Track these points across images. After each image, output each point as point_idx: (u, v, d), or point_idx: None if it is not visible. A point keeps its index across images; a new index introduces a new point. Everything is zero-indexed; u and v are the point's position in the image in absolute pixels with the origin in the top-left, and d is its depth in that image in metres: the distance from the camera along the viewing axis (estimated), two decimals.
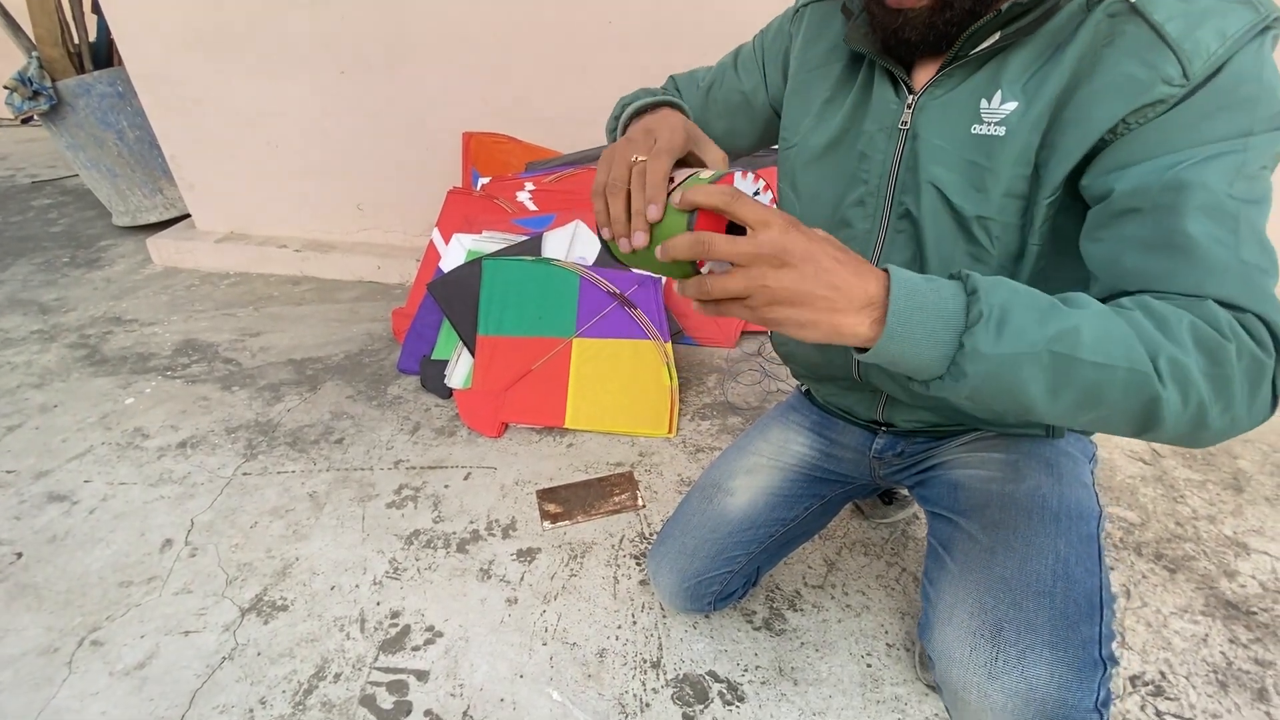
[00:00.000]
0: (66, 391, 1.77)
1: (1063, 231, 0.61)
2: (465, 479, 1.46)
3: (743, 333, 2.02)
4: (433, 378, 1.77)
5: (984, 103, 0.62)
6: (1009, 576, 0.64)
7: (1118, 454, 1.50)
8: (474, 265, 1.81)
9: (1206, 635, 1.09)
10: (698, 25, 1.85)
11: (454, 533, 1.32)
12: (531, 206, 2.04)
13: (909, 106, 0.66)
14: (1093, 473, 0.80)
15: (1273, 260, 0.50)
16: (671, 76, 0.94)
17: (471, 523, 1.34)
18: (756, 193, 0.52)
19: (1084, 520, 0.70)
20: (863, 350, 0.48)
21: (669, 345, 1.70)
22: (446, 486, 1.44)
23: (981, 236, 0.64)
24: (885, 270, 0.47)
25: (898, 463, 0.92)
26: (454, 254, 1.95)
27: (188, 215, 2.60)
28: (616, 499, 1.41)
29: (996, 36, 0.59)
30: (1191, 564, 1.22)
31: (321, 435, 1.59)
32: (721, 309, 0.48)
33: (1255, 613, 1.13)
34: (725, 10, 1.81)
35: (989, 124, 0.61)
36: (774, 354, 1.92)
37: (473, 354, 1.73)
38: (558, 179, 2.05)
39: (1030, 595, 0.63)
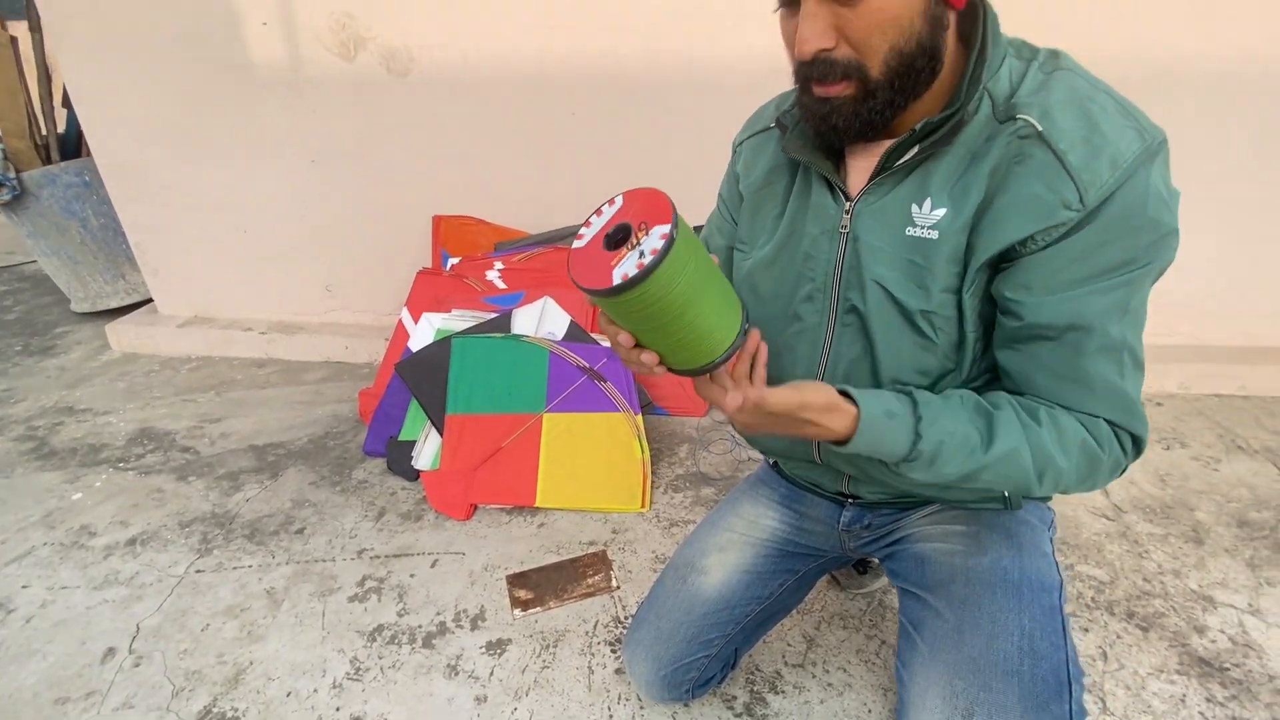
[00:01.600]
0: (8, 488, 1.69)
1: (989, 319, 0.68)
2: (432, 566, 1.41)
3: None
4: (399, 459, 1.73)
5: (915, 208, 0.67)
6: (977, 656, 0.65)
7: (1081, 511, 1.53)
8: (443, 344, 1.82)
9: (1184, 695, 1.09)
10: (654, 119, 1.96)
11: (419, 626, 1.26)
12: (501, 285, 2.08)
13: (846, 212, 0.71)
14: (1051, 540, 0.82)
15: (1143, 371, 0.65)
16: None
17: (438, 614, 1.29)
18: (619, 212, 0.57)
19: (1046, 592, 0.71)
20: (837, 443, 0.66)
21: (639, 417, 1.71)
22: (412, 576, 1.39)
23: (926, 329, 0.69)
24: (856, 406, 0.63)
25: (866, 535, 0.93)
26: (423, 333, 1.95)
27: (149, 300, 2.57)
28: (590, 581, 1.38)
29: (916, 150, 0.65)
30: (1162, 621, 1.23)
31: (282, 525, 1.54)
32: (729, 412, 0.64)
33: (1228, 669, 1.13)
34: (679, 105, 1.93)
35: (922, 228, 0.67)
36: None
37: (441, 434, 1.71)
38: (526, 258, 2.10)
39: (999, 676, 0.63)
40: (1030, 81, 0.63)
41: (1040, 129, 0.60)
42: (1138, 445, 0.65)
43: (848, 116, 0.64)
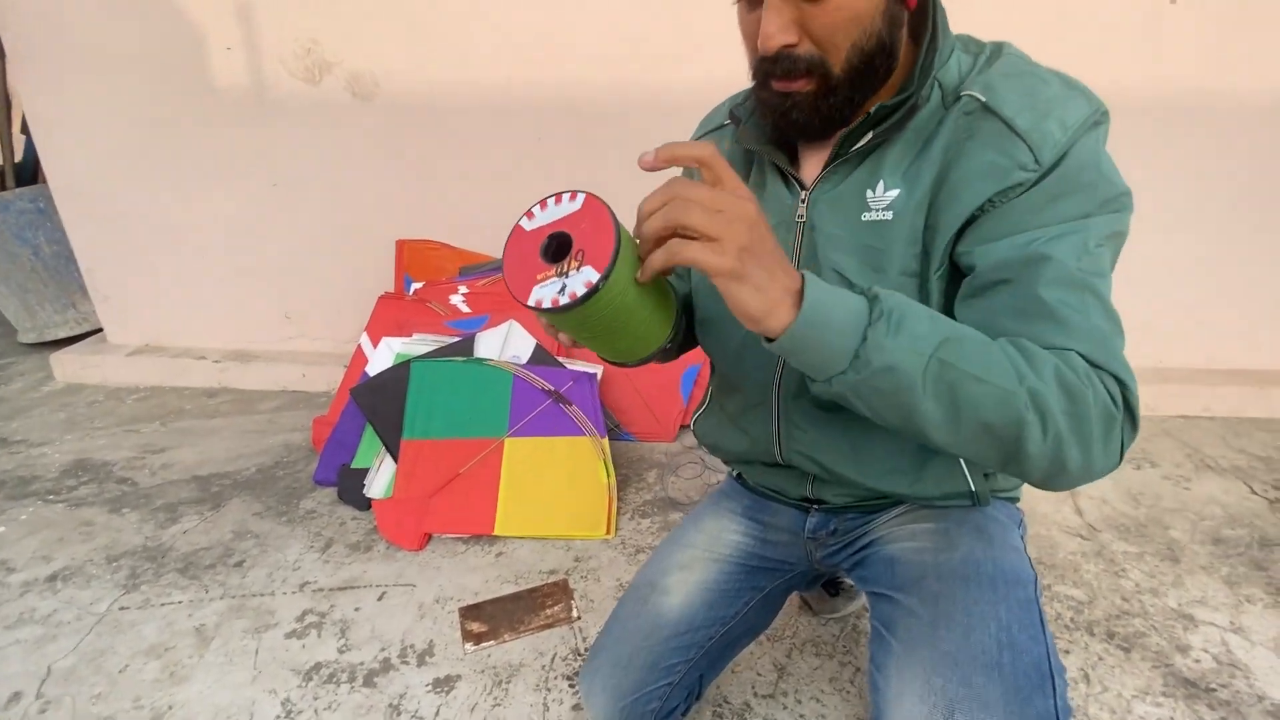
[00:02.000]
0: None
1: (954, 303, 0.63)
2: (379, 599, 1.32)
3: (682, 427, 1.99)
4: (351, 488, 1.64)
5: (869, 192, 0.67)
6: (954, 651, 0.60)
7: (1055, 531, 1.50)
8: (401, 368, 1.76)
9: (1171, 718, 1.03)
10: (619, 144, 1.97)
11: (361, 663, 1.16)
12: (465, 309, 2.04)
13: (802, 201, 0.70)
14: (1023, 538, 0.78)
15: (1119, 326, 0.56)
16: None
17: (383, 650, 1.20)
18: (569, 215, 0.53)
19: (1020, 585, 0.67)
20: (774, 341, 0.50)
21: (605, 441, 1.65)
22: (357, 609, 1.29)
23: None
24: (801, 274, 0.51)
25: (832, 542, 0.88)
26: (382, 357, 1.89)
27: (100, 330, 2.47)
28: (549, 611, 1.29)
29: (870, 135, 0.65)
30: (1144, 641, 1.18)
31: (219, 558, 1.43)
32: (692, 251, 0.47)
33: (1214, 689, 1.08)
34: (643, 130, 1.94)
35: (877, 210, 0.66)
36: None
37: (396, 460, 1.63)
38: (492, 282, 2.06)
39: (979, 670, 0.58)
40: (976, 69, 0.64)
41: (984, 100, 0.60)
42: (1127, 399, 0.53)
43: (808, 112, 0.64)
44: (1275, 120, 1.87)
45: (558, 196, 0.53)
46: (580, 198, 0.52)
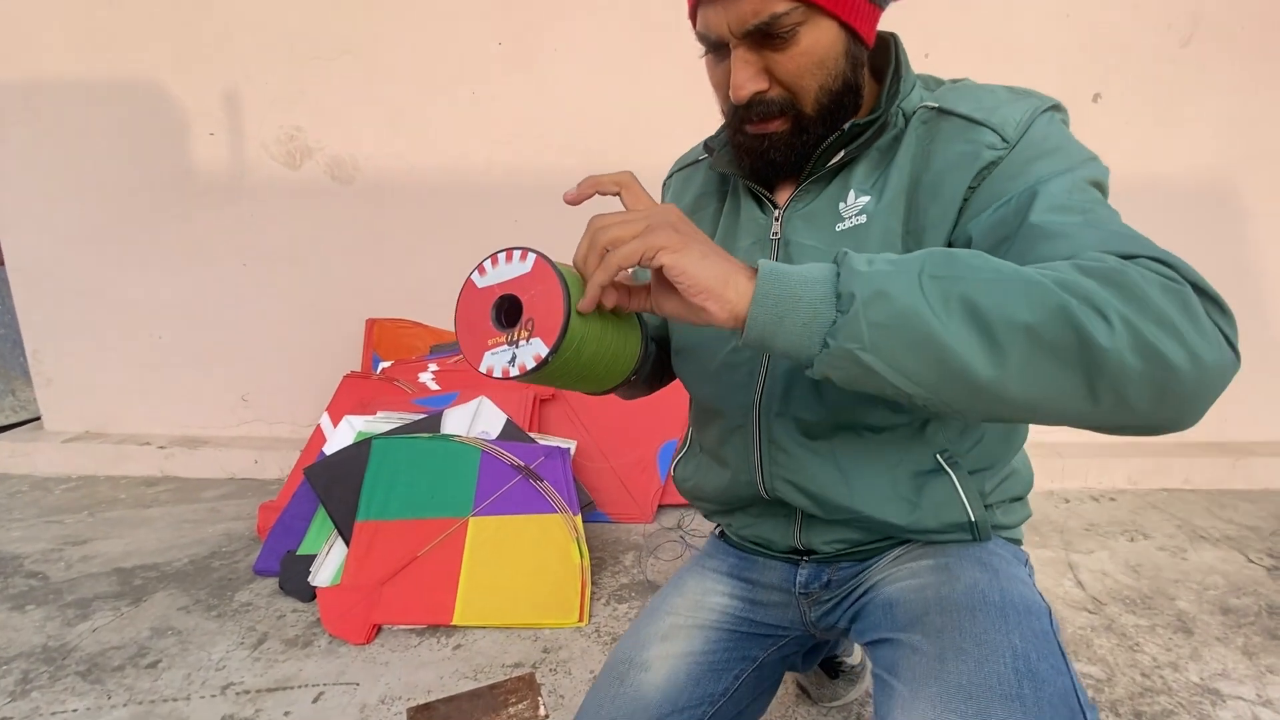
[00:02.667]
0: None
1: None
2: (315, 701, 1.14)
3: (660, 506, 1.89)
4: (294, 577, 1.48)
5: (841, 204, 0.68)
6: (966, 684, 0.51)
7: (1060, 605, 1.41)
8: (361, 446, 1.66)
9: None
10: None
11: None
12: (434, 386, 1.97)
13: (776, 219, 0.70)
14: (1029, 572, 0.71)
15: (1145, 239, 0.48)
16: None
17: None
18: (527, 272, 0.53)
19: (1034, 615, 0.59)
20: (745, 328, 0.47)
21: (578, 519, 1.54)
22: (287, 714, 1.11)
23: None
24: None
25: (827, 597, 0.80)
26: (342, 436, 1.79)
27: (39, 418, 2.32)
28: (512, 710, 1.13)
29: (842, 154, 0.66)
30: (1174, 719, 1.07)
31: (130, 659, 1.24)
32: (627, 251, 0.48)
33: None
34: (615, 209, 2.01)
35: (850, 218, 0.67)
36: (694, 527, 1.78)
37: (348, 545, 1.49)
38: (462, 359, 2.02)
39: (996, 701, 0.49)
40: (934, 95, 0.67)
41: (939, 105, 0.64)
42: (1183, 273, 0.44)
43: (784, 150, 0.66)
44: (1195, 202, 2.03)
45: (509, 253, 0.53)
46: (531, 259, 0.51)
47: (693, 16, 0.64)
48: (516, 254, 0.52)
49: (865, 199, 0.65)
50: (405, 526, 1.51)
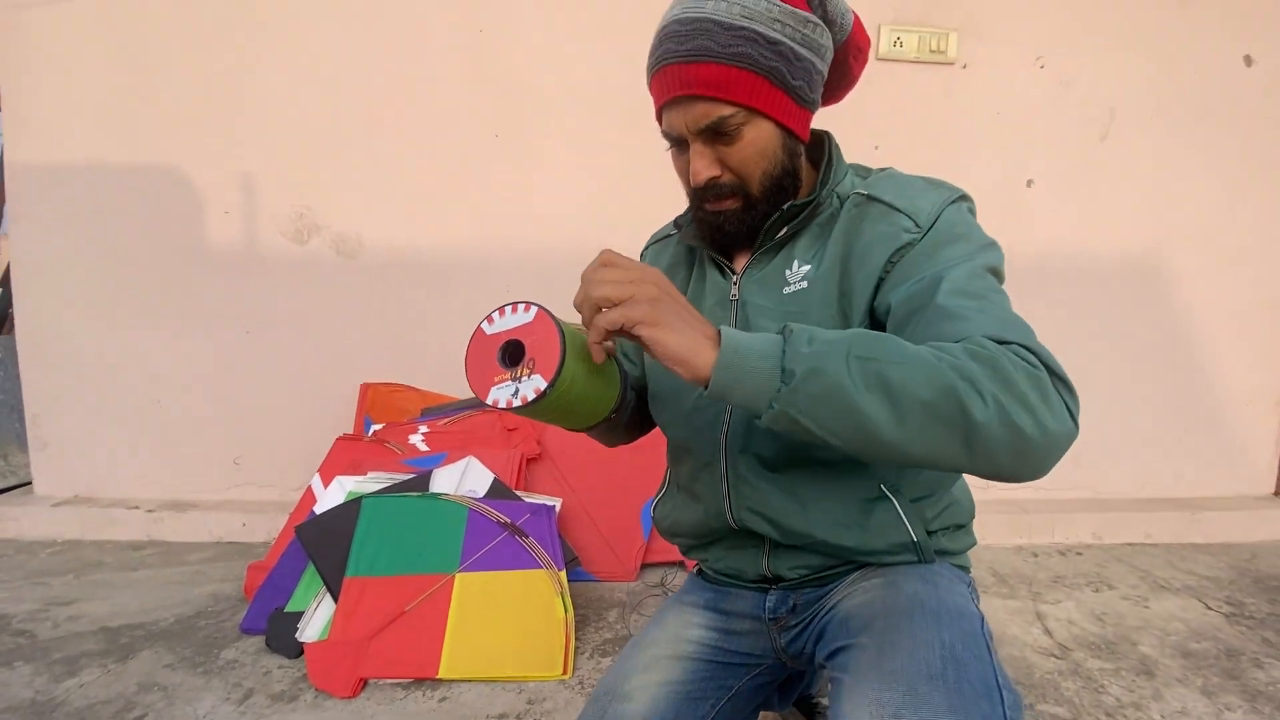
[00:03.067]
0: None
1: None
2: None
3: (644, 565, 1.93)
4: (282, 634, 1.50)
5: (787, 271, 0.81)
6: (899, 669, 0.59)
7: (1029, 652, 1.46)
8: (351, 505, 1.71)
9: None
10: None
11: None
12: (423, 448, 2.04)
13: (734, 283, 0.83)
14: (970, 591, 0.79)
15: (1027, 326, 0.61)
16: None
17: None
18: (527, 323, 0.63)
19: (965, 618, 0.67)
20: (709, 385, 0.58)
21: (563, 574, 1.59)
22: None
23: None
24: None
25: (794, 622, 0.87)
26: (333, 496, 1.84)
27: (29, 483, 2.33)
28: None
29: (786, 229, 0.80)
30: None
31: (117, 714, 1.24)
32: (612, 313, 0.58)
33: None
34: None
35: (794, 283, 0.80)
36: (676, 584, 1.82)
37: (336, 600, 1.52)
38: (452, 421, 2.10)
39: (923, 680, 0.57)
40: (865, 182, 0.82)
41: (869, 193, 0.78)
42: (1043, 360, 0.56)
43: (736, 224, 0.80)
44: (1126, 276, 2.23)
45: (514, 306, 0.63)
46: (533, 310, 0.62)
47: (659, 118, 0.79)
48: (520, 306, 0.62)
49: (807, 267, 0.78)
50: (393, 582, 1.55)
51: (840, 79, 0.84)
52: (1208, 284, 2.25)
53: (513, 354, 0.61)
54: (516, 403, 0.59)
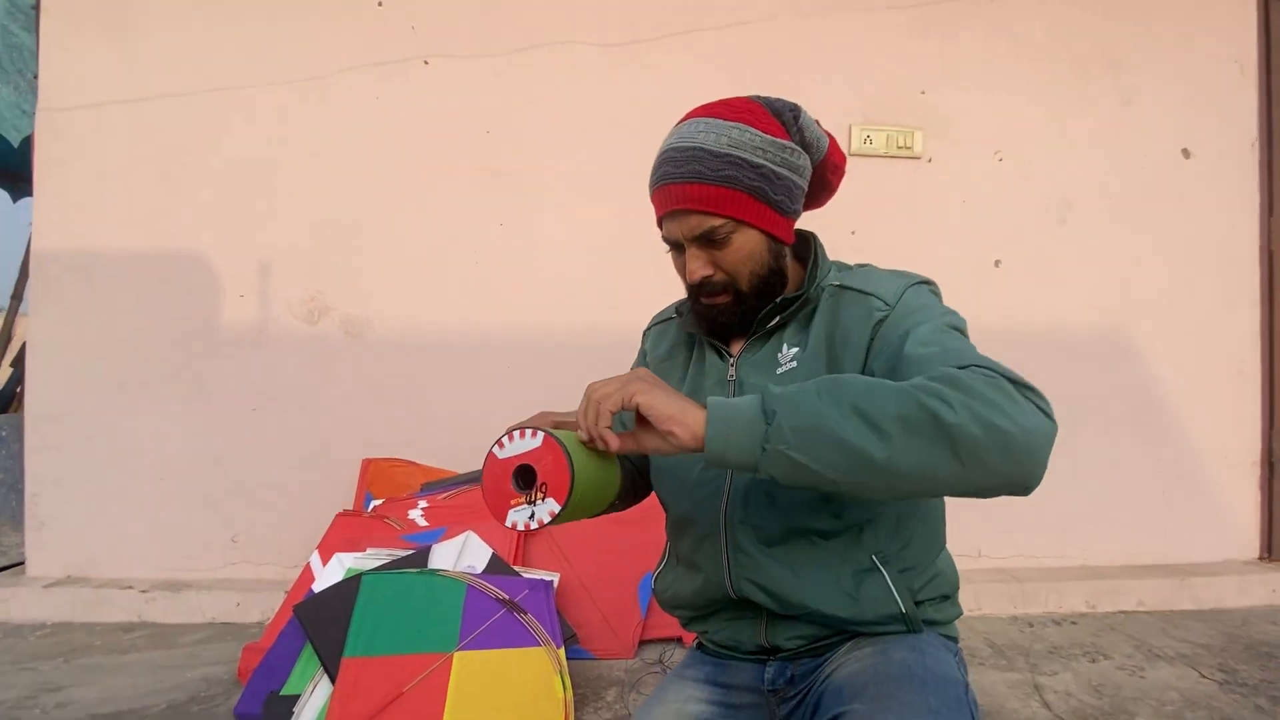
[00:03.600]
0: None
1: None
2: None
3: (642, 642, 1.92)
4: (277, 718, 1.48)
5: (779, 354, 0.90)
6: None
7: None
8: (350, 582, 1.72)
9: None
10: (579, 374, 2.23)
11: None
12: (422, 523, 2.06)
13: (732, 365, 0.92)
14: (957, 661, 0.83)
15: (989, 358, 0.67)
16: None
17: None
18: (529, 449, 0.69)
19: (950, 684, 0.72)
20: (704, 448, 0.66)
21: (561, 651, 1.59)
22: None
23: None
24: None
25: (792, 693, 0.90)
26: (331, 574, 1.85)
27: (21, 564, 2.31)
28: None
29: (777, 319, 0.90)
30: None
31: None
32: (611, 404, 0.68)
33: None
34: (600, 362, 2.24)
35: (785, 364, 0.89)
36: (675, 661, 1.81)
37: (334, 681, 1.51)
38: (452, 496, 2.13)
39: None
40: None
41: (841, 283, 0.89)
42: (1003, 373, 0.63)
43: (728, 317, 0.90)
44: (1092, 347, 2.36)
45: (521, 431, 0.68)
46: (540, 436, 0.67)
47: (660, 225, 0.91)
48: (529, 432, 0.68)
49: (795, 350, 0.88)
50: (391, 662, 1.55)
51: (820, 189, 0.97)
52: (1172, 353, 2.38)
53: (525, 478, 0.67)
54: (534, 525, 0.65)
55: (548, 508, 0.65)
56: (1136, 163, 2.40)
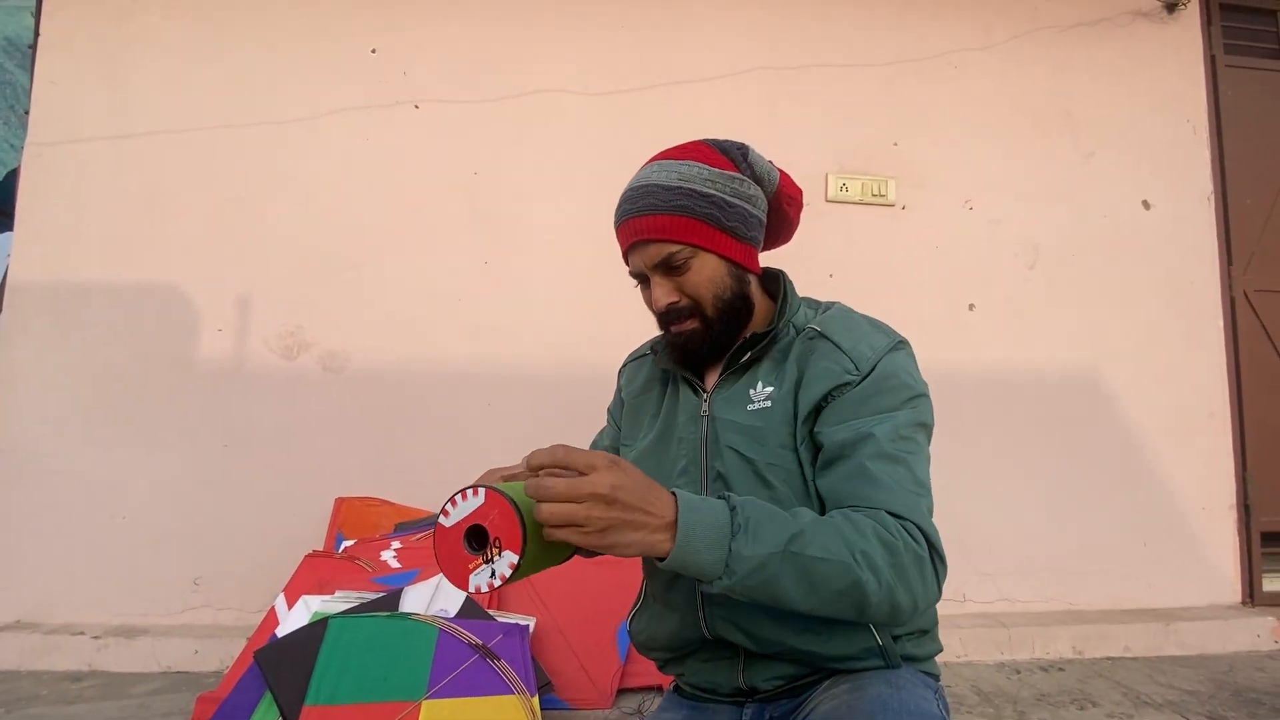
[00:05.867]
0: None
1: None
2: None
3: (620, 690, 1.85)
4: None
5: (751, 391, 0.91)
6: None
7: None
8: (315, 627, 1.66)
9: None
10: (559, 408, 2.25)
11: None
12: (395, 564, 2.00)
13: (705, 400, 0.93)
14: (937, 698, 0.81)
15: (925, 488, 0.78)
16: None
17: None
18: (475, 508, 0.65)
19: (926, 718, 0.69)
20: (662, 560, 0.65)
21: (535, 700, 1.53)
22: None
23: (773, 479, 0.84)
24: (674, 493, 0.67)
25: None
26: (297, 617, 1.78)
27: None
28: None
29: (748, 355, 0.92)
30: None
31: None
32: (565, 534, 0.63)
33: None
34: (581, 397, 2.23)
35: (758, 402, 0.90)
36: (654, 710, 1.74)
37: None
38: (426, 537, 2.07)
39: None
40: (816, 315, 0.94)
41: (820, 330, 0.90)
42: (929, 541, 0.72)
43: (698, 342, 0.92)
44: (1062, 390, 2.40)
45: (463, 494, 0.65)
46: (481, 493, 0.64)
47: (625, 260, 0.93)
48: (469, 492, 0.64)
49: (769, 389, 0.89)
50: (355, 711, 1.48)
51: (780, 223, 1.00)
52: (1144, 398, 2.42)
53: (478, 538, 0.64)
54: (497, 582, 0.62)
55: (506, 561, 0.62)
56: (1099, 212, 2.50)
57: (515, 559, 0.62)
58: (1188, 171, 2.56)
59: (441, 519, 0.66)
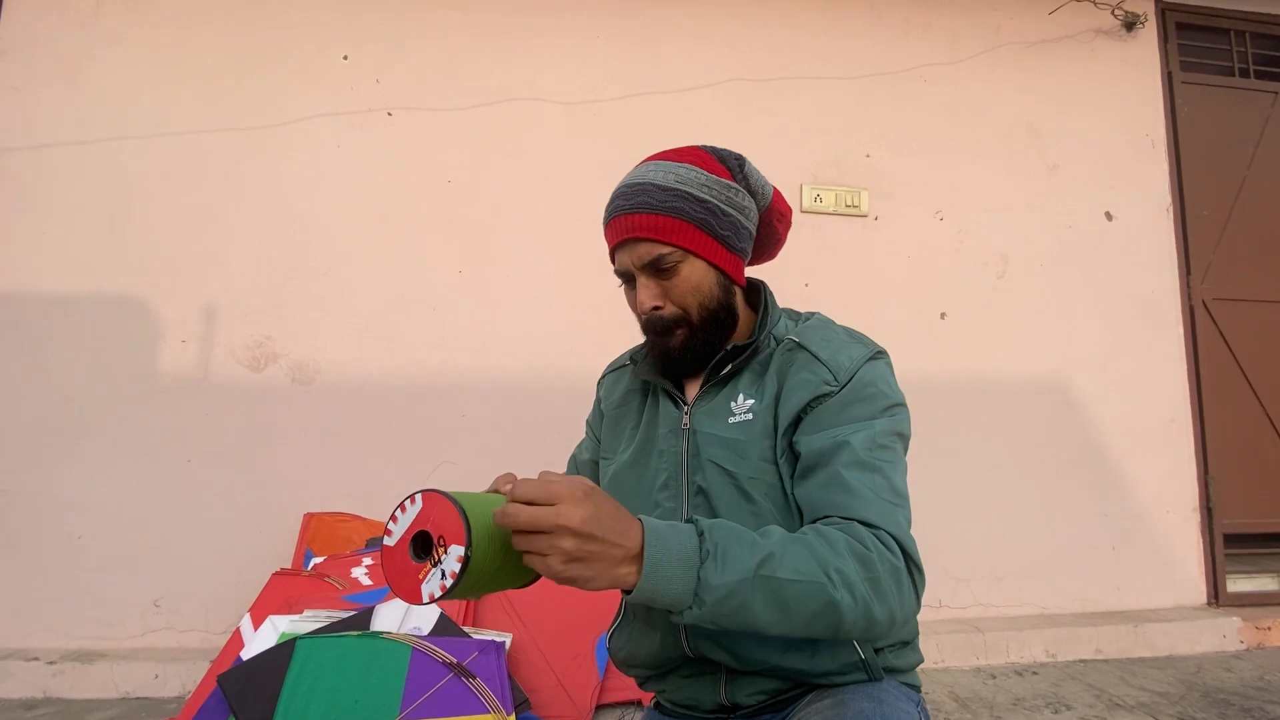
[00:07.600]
0: None
1: None
2: None
3: (599, 705, 1.82)
4: None
5: (733, 404, 0.90)
6: None
7: None
8: (283, 648, 1.60)
9: None
10: (535, 421, 2.23)
11: None
12: (366, 582, 1.95)
13: (686, 413, 0.92)
14: (919, 710, 0.81)
15: (903, 498, 0.77)
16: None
17: None
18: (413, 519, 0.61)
19: None
20: (629, 592, 0.64)
21: (512, 718, 1.49)
22: None
23: (755, 493, 0.84)
24: (640, 521, 0.65)
25: None
26: (263, 638, 1.72)
27: None
28: None
29: (729, 367, 0.91)
30: None
31: None
32: (531, 561, 0.61)
33: None
34: (556, 409, 2.22)
35: (739, 415, 0.89)
36: None
37: None
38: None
39: None
40: (796, 326, 0.94)
41: (798, 341, 0.89)
42: (906, 552, 0.71)
43: (680, 351, 0.91)
44: (1034, 396, 2.45)
45: (402, 506, 0.61)
46: (419, 498, 0.60)
47: (612, 258, 0.92)
48: (406, 502, 0.61)
49: (750, 402, 0.88)
50: None
51: (769, 238, 1.00)
52: (1109, 405, 2.48)
53: (423, 544, 0.60)
54: (449, 583, 0.58)
55: (453, 555, 0.57)
56: (1064, 223, 2.56)
57: (462, 550, 0.57)
58: (1147, 184, 2.64)
59: (386, 540, 0.62)
